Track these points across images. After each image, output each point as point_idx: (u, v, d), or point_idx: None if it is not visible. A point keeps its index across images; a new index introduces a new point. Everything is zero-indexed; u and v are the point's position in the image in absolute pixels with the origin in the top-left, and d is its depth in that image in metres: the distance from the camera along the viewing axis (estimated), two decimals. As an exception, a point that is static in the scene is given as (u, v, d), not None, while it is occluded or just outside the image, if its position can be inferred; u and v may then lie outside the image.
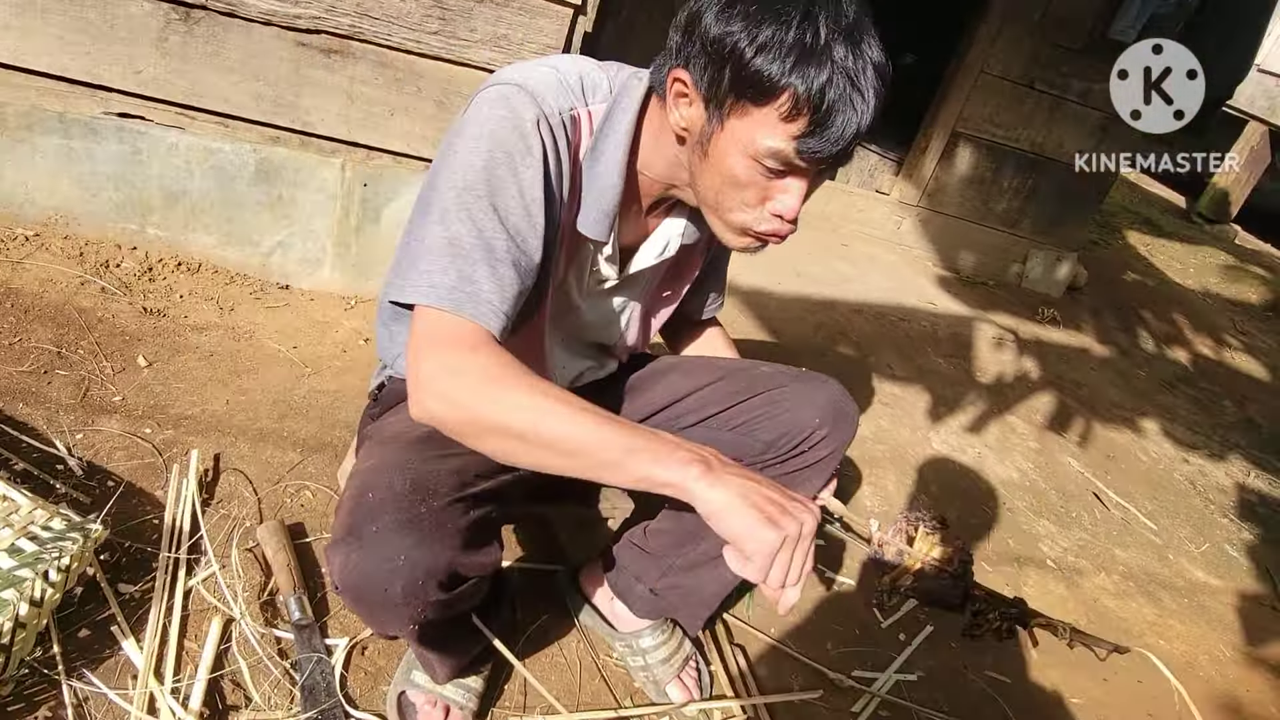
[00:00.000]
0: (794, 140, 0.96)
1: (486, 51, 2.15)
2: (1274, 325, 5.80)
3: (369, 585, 0.98)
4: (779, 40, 0.93)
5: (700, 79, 0.99)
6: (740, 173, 1.01)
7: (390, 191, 2.25)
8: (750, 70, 0.94)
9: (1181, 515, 2.93)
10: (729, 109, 0.98)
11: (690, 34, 0.99)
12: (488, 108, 1.03)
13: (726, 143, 1.00)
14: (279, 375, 1.94)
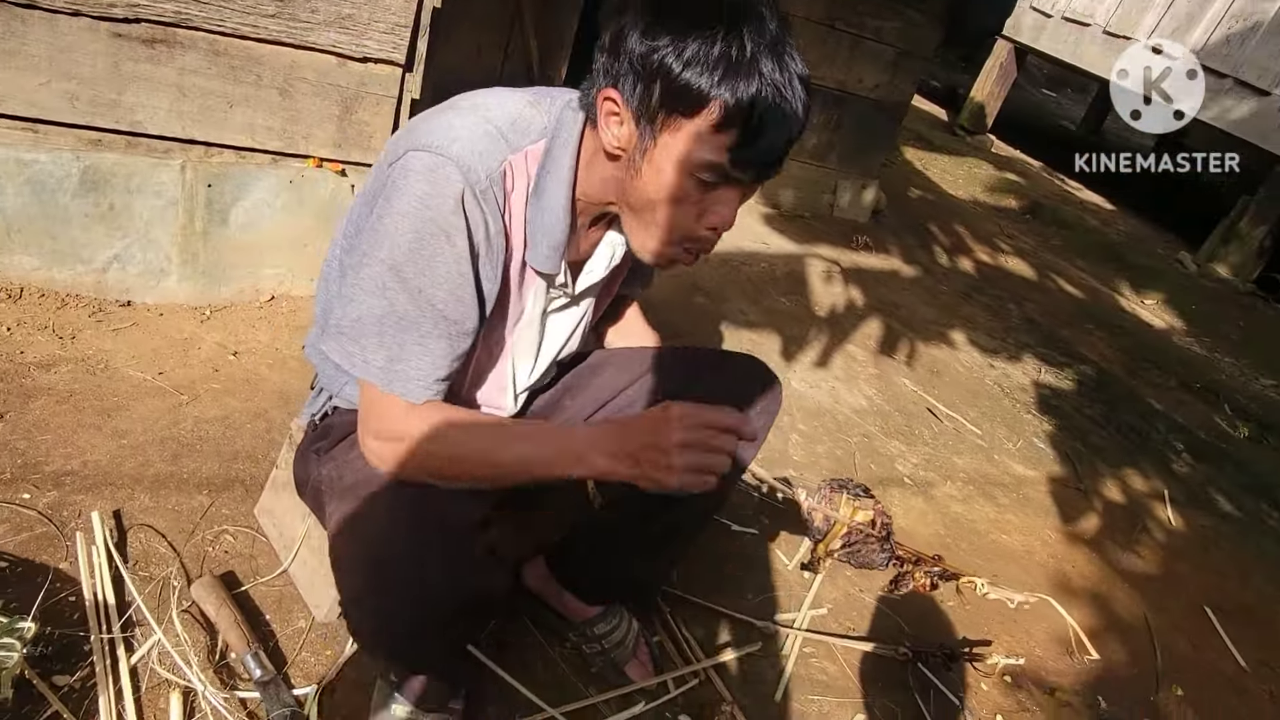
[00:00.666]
0: (727, 152, 0.99)
1: (331, 33, 2.02)
2: (1033, 227, 6.55)
3: (398, 634, 1.06)
4: (705, 54, 0.95)
5: (630, 97, 1.01)
6: (675, 187, 1.03)
7: (237, 190, 2.08)
8: (679, 84, 0.96)
9: (997, 417, 3.32)
10: (660, 124, 1.00)
11: (617, 53, 1.01)
12: (415, 180, 1.02)
13: (660, 158, 1.02)
14: (153, 408, 1.79)
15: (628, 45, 0.99)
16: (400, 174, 1.03)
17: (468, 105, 1.09)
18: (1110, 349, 4.59)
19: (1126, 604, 2.47)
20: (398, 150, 1.05)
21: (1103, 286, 5.76)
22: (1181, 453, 3.63)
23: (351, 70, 2.10)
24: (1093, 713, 2.04)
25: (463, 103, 1.10)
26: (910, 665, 1.93)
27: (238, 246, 2.14)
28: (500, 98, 1.11)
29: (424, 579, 1.04)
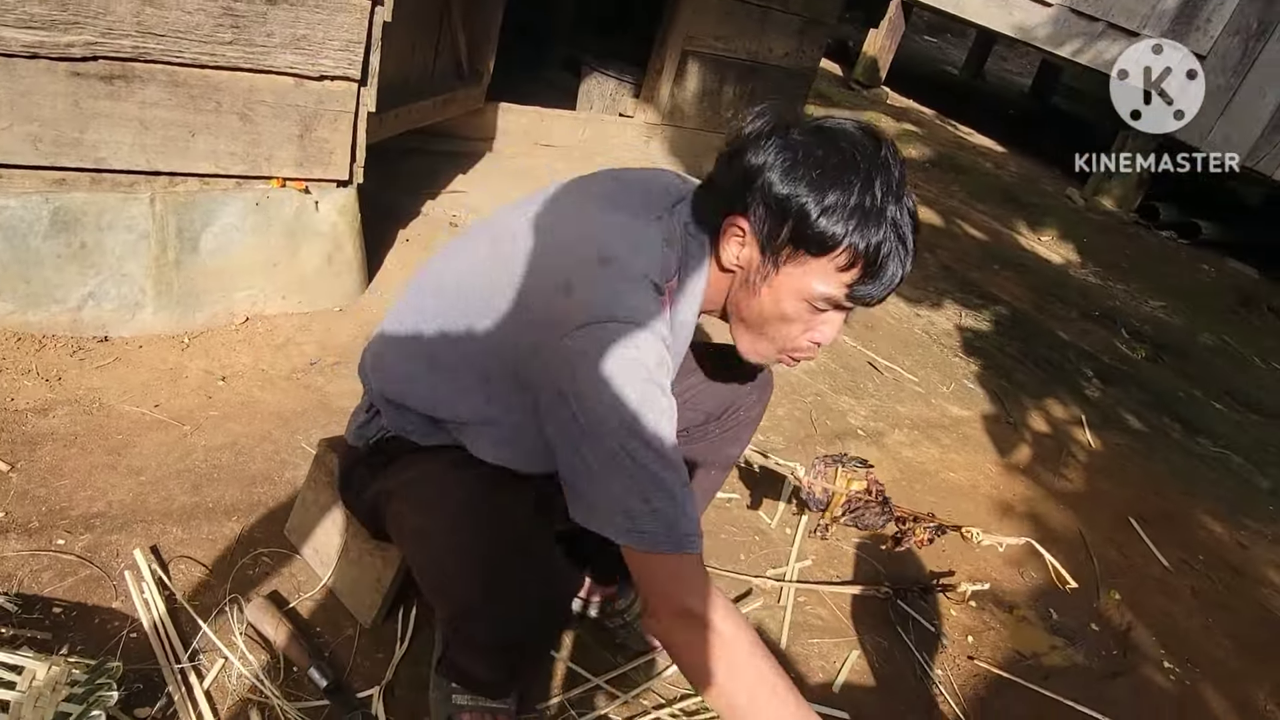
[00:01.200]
0: (847, 287, 1.10)
1: (288, 55, 2.05)
2: (933, 176, 6.86)
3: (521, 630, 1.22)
4: (842, 204, 1.05)
5: (760, 228, 1.10)
6: (790, 311, 1.14)
7: (206, 216, 2.11)
8: (814, 230, 1.06)
9: (930, 364, 3.57)
10: (785, 257, 1.10)
11: (750, 185, 1.09)
12: (621, 349, 1.04)
13: (781, 285, 1.12)
14: (160, 442, 1.83)
15: (765, 182, 1.08)
16: (591, 349, 1.04)
17: (617, 256, 1.10)
18: (1018, 287, 4.92)
19: (1062, 523, 2.75)
20: (571, 318, 1.05)
21: (1003, 228, 6.11)
22: (1091, 378, 3.96)
23: (309, 89, 2.13)
24: (1046, 623, 2.29)
25: (611, 249, 1.11)
26: (890, 602, 2.13)
27: (209, 272, 2.16)
28: (639, 235, 1.13)
29: (544, 581, 1.19)
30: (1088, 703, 2.04)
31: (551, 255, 1.14)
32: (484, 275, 1.21)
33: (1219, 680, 2.28)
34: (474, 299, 1.21)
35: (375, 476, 1.37)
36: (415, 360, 1.28)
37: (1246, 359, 5.04)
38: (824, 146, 1.08)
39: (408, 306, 1.32)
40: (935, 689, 1.94)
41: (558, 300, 1.09)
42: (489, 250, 1.24)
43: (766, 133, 1.11)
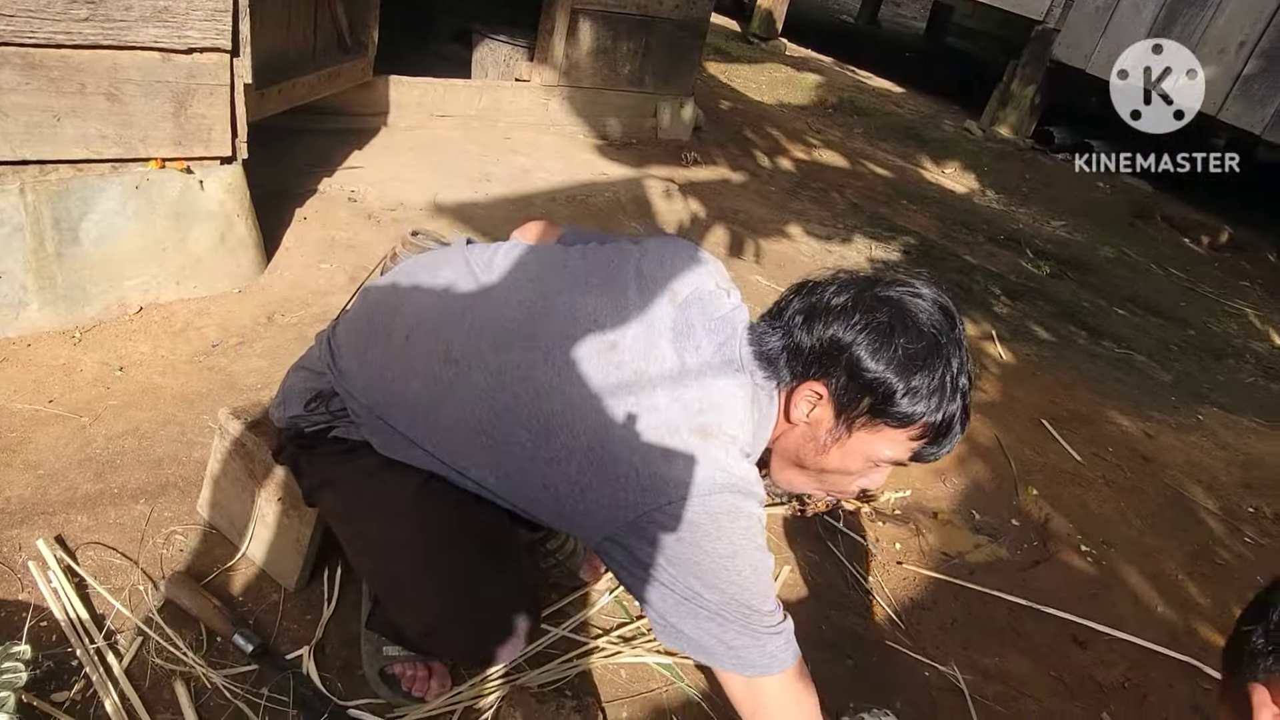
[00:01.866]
0: (913, 451, 1.15)
1: (150, 29, 1.98)
2: (836, 120, 6.96)
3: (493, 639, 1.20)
4: (926, 387, 1.09)
5: (839, 396, 1.12)
6: (855, 469, 1.18)
7: (84, 204, 2.03)
8: (897, 409, 1.10)
9: (843, 296, 3.63)
10: (861, 425, 1.13)
11: (835, 356, 1.11)
12: (728, 520, 1.07)
13: (851, 447, 1.15)
14: (57, 435, 1.77)
15: (852, 359, 1.10)
16: (707, 519, 1.07)
17: (716, 429, 1.11)
18: (925, 218, 5.03)
19: (980, 431, 2.84)
20: (675, 487, 1.07)
21: (907, 164, 6.23)
22: (999, 296, 4.09)
23: (178, 64, 2.06)
24: (969, 524, 2.38)
25: (708, 420, 1.11)
26: (817, 518, 2.19)
27: (94, 263, 2.09)
28: (731, 406, 1.14)
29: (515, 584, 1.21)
30: (1013, 591, 2.13)
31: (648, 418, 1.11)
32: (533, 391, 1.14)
33: (1133, 557, 2.39)
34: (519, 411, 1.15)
35: (308, 458, 1.33)
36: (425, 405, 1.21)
37: (1144, 267, 5.25)
38: (908, 328, 1.10)
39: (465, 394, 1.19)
40: (868, 595, 2.00)
41: (657, 464, 1.08)
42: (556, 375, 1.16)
43: (851, 307, 1.12)
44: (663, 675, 1.62)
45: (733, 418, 1.13)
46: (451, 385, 1.18)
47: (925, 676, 1.81)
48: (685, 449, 1.08)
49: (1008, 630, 2.02)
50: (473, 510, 1.21)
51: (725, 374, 1.15)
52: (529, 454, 1.13)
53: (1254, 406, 3.70)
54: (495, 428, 1.15)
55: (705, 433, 1.10)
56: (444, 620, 1.19)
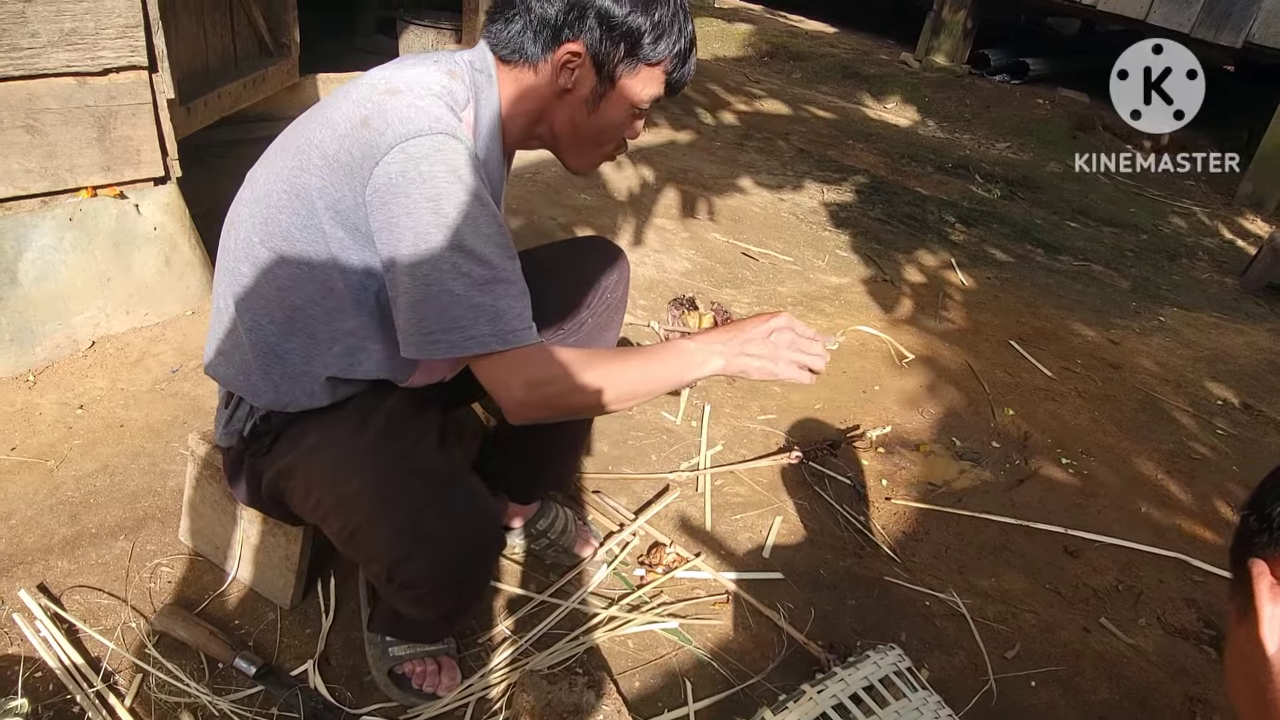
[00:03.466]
0: (666, 79, 1.25)
1: (60, 53, 1.91)
2: (773, 68, 6.93)
3: (460, 569, 1.23)
4: (667, 17, 1.19)
5: (596, 50, 1.18)
6: (623, 119, 1.27)
7: (17, 243, 1.97)
8: (648, 44, 1.19)
9: (801, 242, 3.64)
10: (621, 72, 1.21)
11: (582, 15, 1.16)
12: (429, 163, 1.06)
13: (617, 96, 1.23)
14: (25, 483, 1.72)
15: (601, 11, 1.16)
16: (408, 166, 1.06)
17: (406, 86, 1.12)
18: (872, 155, 5.04)
19: (951, 358, 2.87)
20: (378, 145, 1.07)
21: (848, 103, 6.23)
22: (954, 224, 4.12)
23: (95, 87, 1.99)
24: (951, 452, 2.40)
25: (397, 83, 1.13)
26: (803, 465, 2.20)
27: (38, 302, 2.02)
28: (420, 72, 1.16)
29: (470, 510, 1.21)
30: (1000, 511, 2.16)
31: (342, 108, 1.14)
32: (286, 169, 1.17)
33: (1113, 462, 2.44)
34: (283, 200, 1.17)
35: (263, 463, 1.30)
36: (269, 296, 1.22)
37: (1092, 178, 5.31)
38: None
39: (232, 255, 1.27)
40: (861, 535, 2.02)
41: (358, 135, 1.09)
42: (277, 153, 1.23)
43: None
44: (670, 640, 1.63)
45: (423, 79, 1.14)
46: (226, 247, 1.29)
47: (926, 606, 1.84)
48: (377, 110, 1.09)
49: (1000, 550, 2.05)
50: (407, 441, 1.23)
51: (418, 63, 1.18)
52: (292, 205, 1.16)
53: (1211, 302, 3.77)
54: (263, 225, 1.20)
55: (394, 91, 1.11)
56: (400, 558, 1.19)
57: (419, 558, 1.18)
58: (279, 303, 1.20)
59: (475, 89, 1.20)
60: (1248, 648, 0.63)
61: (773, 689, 1.54)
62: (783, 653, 1.64)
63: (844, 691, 1.36)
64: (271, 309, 1.21)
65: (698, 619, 1.69)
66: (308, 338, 1.22)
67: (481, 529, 1.24)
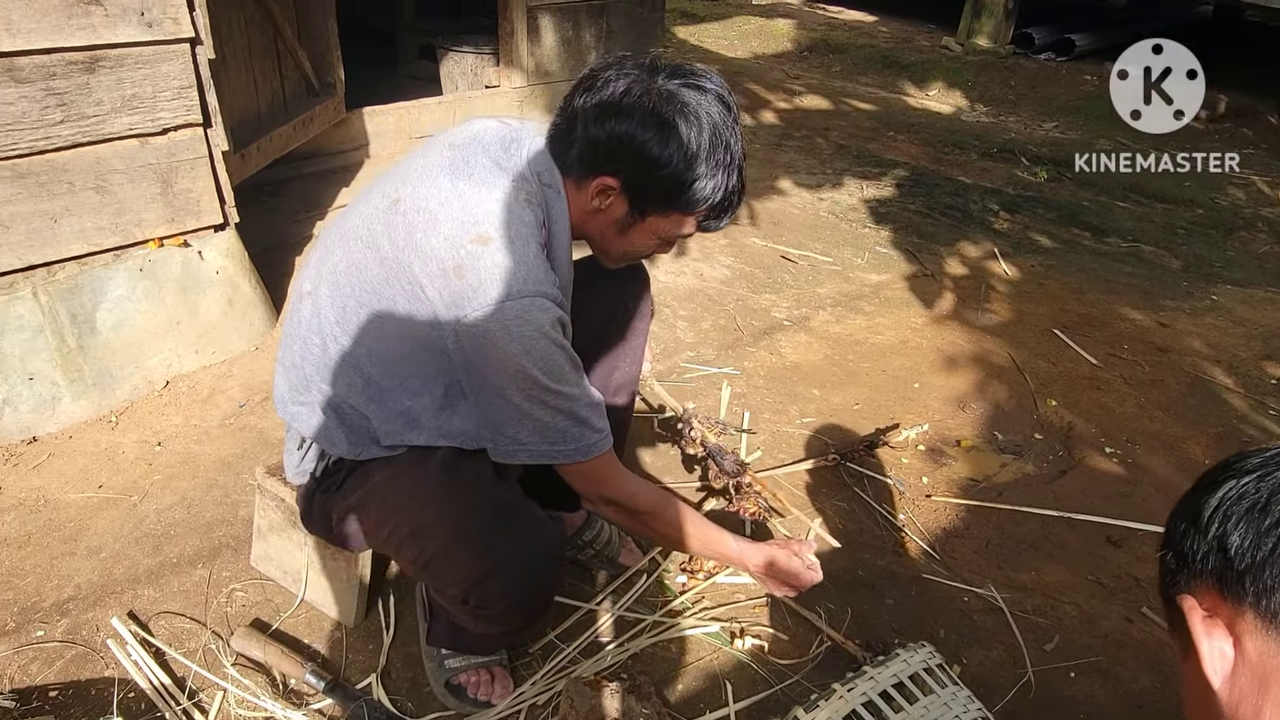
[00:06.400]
0: (697, 225, 1.29)
1: (124, 118, 2.06)
2: (813, 62, 6.92)
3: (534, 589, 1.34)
4: (709, 173, 1.21)
5: (631, 187, 1.23)
6: (651, 246, 1.34)
7: (95, 296, 2.13)
8: (685, 196, 1.22)
9: (841, 241, 3.66)
10: (653, 211, 1.26)
11: (623, 151, 1.20)
12: (517, 326, 1.16)
13: (646, 229, 1.29)
14: (112, 518, 1.88)
15: (639, 153, 1.19)
16: (497, 326, 1.15)
17: (495, 231, 1.18)
18: (914, 146, 5.02)
19: (993, 351, 2.87)
20: (469, 300, 1.15)
21: (890, 93, 6.20)
22: (998, 212, 4.09)
23: (156, 145, 2.14)
24: (993, 446, 2.42)
25: (486, 227, 1.18)
26: (840, 466, 2.25)
27: (116, 348, 2.19)
28: (500, 200, 1.21)
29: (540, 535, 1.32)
30: (1042, 504, 2.18)
31: (434, 240, 1.19)
32: (372, 272, 1.25)
33: (1159, 450, 2.43)
34: (367, 296, 1.25)
35: (334, 499, 1.41)
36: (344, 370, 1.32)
37: (1142, 155, 5.19)
38: (690, 121, 1.19)
39: (306, 325, 1.35)
40: (899, 533, 2.06)
41: (450, 283, 1.17)
42: (359, 245, 1.27)
43: (637, 102, 1.19)
44: (711, 643, 1.70)
45: (508, 218, 1.19)
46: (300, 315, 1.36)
47: (965, 602, 1.87)
48: (470, 260, 1.16)
49: (1041, 543, 2.07)
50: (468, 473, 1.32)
51: (496, 186, 1.22)
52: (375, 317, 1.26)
53: (1268, 276, 3.68)
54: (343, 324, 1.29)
55: (484, 239, 1.17)
56: (476, 582, 1.29)
57: (495, 580, 1.28)
58: (355, 373, 1.31)
59: (547, 206, 1.26)
60: (1197, 683, 0.66)
61: (810, 688, 1.60)
62: (820, 652, 1.70)
63: (874, 689, 1.42)
64: (348, 376, 1.32)
65: (738, 622, 1.76)
66: (379, 408, 1.33)
67: (549, 550, 1.34)
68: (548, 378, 1.19)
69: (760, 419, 2.43)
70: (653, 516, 1.40)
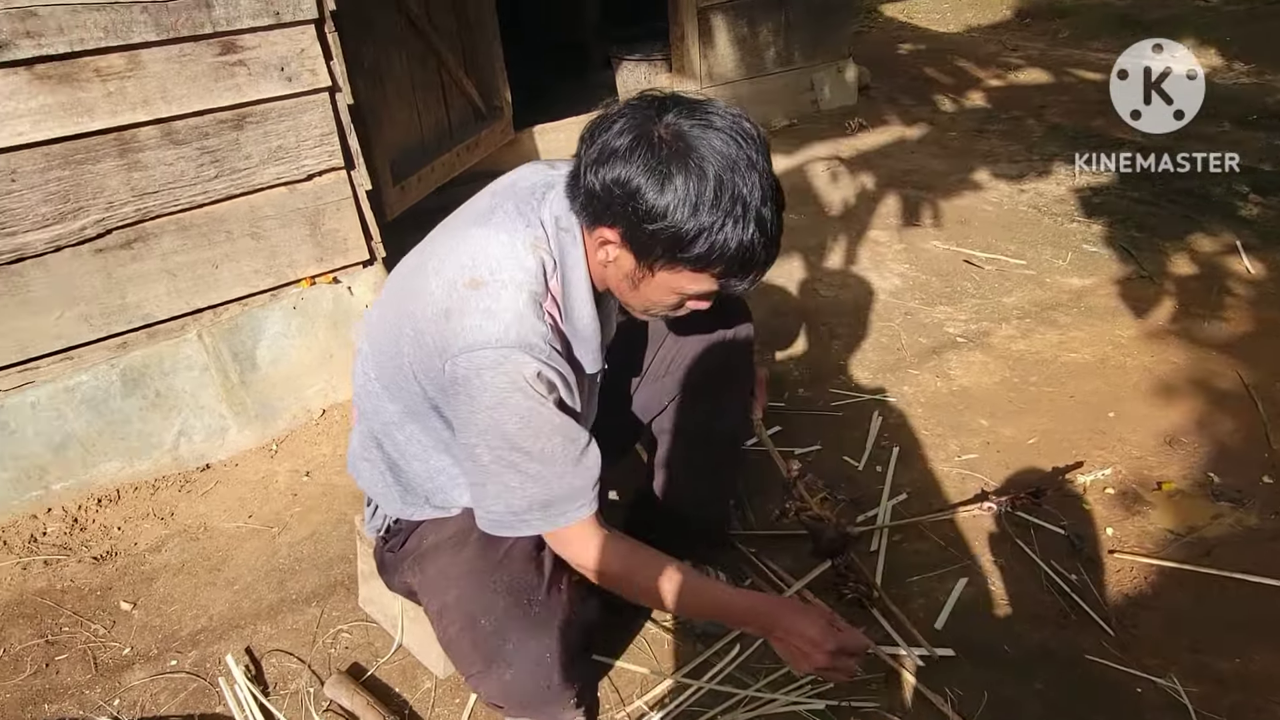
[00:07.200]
0: (718, 282, 1.11)
1: (272, 168, 2.18)
2: (1034, 29, 6.26)
3: (532, 692, 1.22)
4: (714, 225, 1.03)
5: (631, 240, 1.09)
6: (669, 302, 1.17)
7: (253, 334, 2.28)
8: (687, 252, 1.06)
9: (1039, 240, 3.25)
10: (660, 266, 1.10)
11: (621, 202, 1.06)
12: (490, 376, 1.09)
13: (658, 284, 1.13)
14: (253, 550, 2.00)
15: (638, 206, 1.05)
16: (471, 374, 1.10)
17: (489, 275, 1.12)
18: (1148, 120, 4.38)
19: (1217, 371, 2.42)
20: (450, 345, 1.11)
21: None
22: (1248, 195, 3.46)
23: (303, 191, 2.26)
24: (1204, 490, 2.03)
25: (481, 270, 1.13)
26: (1002, 514, 1.96)
27: (275, 381, 2.34)
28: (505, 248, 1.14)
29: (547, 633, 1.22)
30: (1264, 570, 1.79)
31: (433, 284, 1.16)
32: (391, 322, 1.25)
33: None
34: (389, 349, 1.25)
35: (397, 559, 1.43)
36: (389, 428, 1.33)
37: None
38: (690, 167, 1.03)
39: (359, 383, 1.37)
40: (1068, 599, 1.76)
41: (439, 326, 1.13)
42: (390, 298, 1.29)
43: (632, 146, 1.06)
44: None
45: (504, 262, 1.13)
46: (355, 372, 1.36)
47: (1137, 693, 1.57)
48: (458, 304, 1.11)
49: (1255, 622, 1.69)
50: (503, 560, 1.26)
51: (509, 230, 1.16)
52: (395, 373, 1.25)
53: None
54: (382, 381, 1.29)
55: (476, 283, 1.11)
56: (478, 673, 1.24)
57: (492, 679, 1.22)
58: (397, 430, 1.32)
59: (560, 252, 1.18)
60: None
61: (919, 793, 1.40)
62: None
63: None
64: (392, 434, 1.33)
65: (849, 700, 1.57)
66: (421, 464, 1.33)
67: (561, 646, 1.24)
68: (521, 435, 1.11)
69: (912, 456, 2.18)
70: (626, 581, 1.24)
